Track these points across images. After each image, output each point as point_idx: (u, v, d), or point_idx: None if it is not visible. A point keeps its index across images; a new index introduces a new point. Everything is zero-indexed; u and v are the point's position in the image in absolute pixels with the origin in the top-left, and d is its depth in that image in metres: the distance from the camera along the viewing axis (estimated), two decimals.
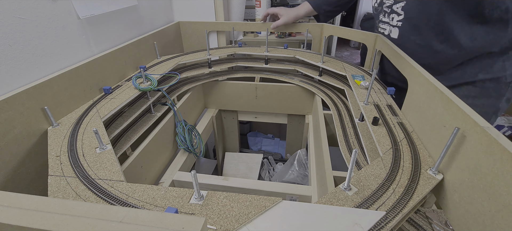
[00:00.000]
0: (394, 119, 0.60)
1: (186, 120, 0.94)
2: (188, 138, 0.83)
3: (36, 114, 0.56)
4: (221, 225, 0.35)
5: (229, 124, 1.27)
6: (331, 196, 0.41)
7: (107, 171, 0.46)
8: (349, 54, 3.42)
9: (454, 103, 0.43)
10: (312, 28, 1.10)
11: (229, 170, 1.23)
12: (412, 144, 0.52)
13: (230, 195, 0.39)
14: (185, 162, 0.82)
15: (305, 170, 1.01)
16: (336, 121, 0.77)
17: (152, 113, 0.81)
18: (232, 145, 1.35)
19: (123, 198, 0.40)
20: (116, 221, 0.24)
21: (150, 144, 0.73)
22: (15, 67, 0.55)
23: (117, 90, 0.72)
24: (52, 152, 0.50)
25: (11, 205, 0.26)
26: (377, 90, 0.73)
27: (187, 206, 0.38)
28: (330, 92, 0.93)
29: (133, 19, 0.91)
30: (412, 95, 0.59)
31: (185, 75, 0.94)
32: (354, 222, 0.35)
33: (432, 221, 0.42)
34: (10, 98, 0.50)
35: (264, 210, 0.37)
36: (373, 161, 0.49)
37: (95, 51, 0.76)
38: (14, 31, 0.54)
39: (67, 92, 0.62)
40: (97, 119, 0.60)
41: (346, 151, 0.65)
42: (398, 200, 0.40)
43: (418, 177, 0.44)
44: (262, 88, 1.05)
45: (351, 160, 0.39)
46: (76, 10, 0.68)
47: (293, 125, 1.20)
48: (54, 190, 0.42)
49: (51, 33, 0.63)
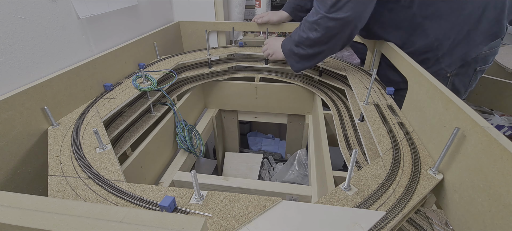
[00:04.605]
0: (394, 118, 0.60)
1: (186, 120, 0.94)
2: (188, 138, 0.83)
3: (36, 114, 0.56)
4: (221, 225, 0.35)
5: (229, 124, 1.27)
6: (331, 196, 0.41)
7: (107, 171, 0.46)
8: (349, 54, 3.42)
9: (454, 103, 0.43)
10: None
11: (229, 170, 1.23)
12: (412, 144, 0.52)
13: (230, 195, 0.39)
14: (185, 162, 0.82)
15: (305, 170, 1.01)
16: (336, 120, 0.77)
17: (152, 113, 0.81)
18: (232, 145, 1.35)
19: (123, 198, 0.40)
20: (116, 221, 0.24)
21: (150, 144, 0.73)
22: (15, 67, 0.55)
23: (117, 90, 0.72)
24: (52, 152, 0.50)
25: (11, 205, 0.26)
26: (377, 90, 0.73)
27: (187, 206, 0.38)
28: (330, 92, 0.93)
29: (133, 19, 0.91)
30: (412, 95, 0.59)
31: (185, 75, 0.94)
32: (354, 222, 0.35)
33: (432, 221, 0.42)
34: (10, 98, 0.50)
35: (264, 210, 0.37)
36: (373, 161, 0.49)
37: (95, 51, 0.76)
38: (14, 31, 0.54)
39: (67, 92, 0.62)
40: (97, 119, 0.60)
41: (346, 151, 0.65)
42: (398, 200, 0.40)
43: (418, 177, 0.44)
44: (262, 88, 1.05)
45: (351, 160, 0.39)
46: (76, 10, 0.68)
47: (293, 125, 1.20)
48: (54, 190, 0.41)
49: (51, 33, 0.63)
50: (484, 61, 0.76)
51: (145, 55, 0.92)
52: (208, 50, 0.96)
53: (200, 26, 1.15)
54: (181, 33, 1.19)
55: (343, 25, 0.65)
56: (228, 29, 1.15)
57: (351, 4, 0.62)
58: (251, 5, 1.58)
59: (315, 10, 0.68)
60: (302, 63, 0.79)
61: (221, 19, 1.18)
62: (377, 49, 0.85)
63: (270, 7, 1.56)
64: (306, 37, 0.71)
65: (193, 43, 1.20)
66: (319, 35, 0.69)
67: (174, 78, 0.84)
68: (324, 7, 0.64)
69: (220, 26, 1.15)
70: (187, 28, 1.17)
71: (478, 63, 0.76)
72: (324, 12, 0.65)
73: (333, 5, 0.63)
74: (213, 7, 1.16)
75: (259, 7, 1.51)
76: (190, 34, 1.19)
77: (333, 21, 0.65)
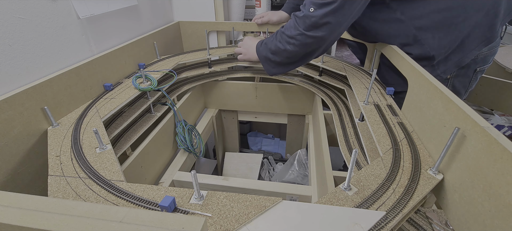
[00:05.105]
0: (394, 118, 0.60)
1: (186, 120, 0.94)
2: (188, 138, 0.83)
3: (36, 114, 0.56)
4: (221, 225, 0.35)
5: (229, 124, 1.27)
6: (331, 196, 0.41)
7: (107, 171, 0.46)
8: (349, 54, 3.42)
9: (454, 103, 0.43)
10: None
11: (229, 170, 1.23)
12: (412, 144, 0.52)
13: (230, 195, 0.39)
14: (185, 162, 0.82)
15: (305, 170, 1.01)
16: (336, 120, 0.77)
17: (152, 113, 0.81)
18: (232, 145, 1.35)
19: (123, 198, 0.40)
20: (116, 221, 0.24)
21: (150, 144, 0.73)
22: (15, 67, 0.55)
23: (117, 90, 0.72)
24: (52, 152, 0.50)
25: (11, 205, 0.26)
26: (377, 90, 0.73)
27: (187, 206, 0.38)
28: (330, 92, 0.93)
29: (133, 19, 0.91)
30: (412, 95, 0.59)
31: (185, 75, 0.94)
32: (354, 222, 0.35)
33: (432, 221, 0.42)
34: (10, 98, 0.50)
35: (264, 210, 0.37)
36: (373, 161, 0.49)
37: (95, 51, 0.76)
38: (14, 31, 0.54)
39: (67, 92, 0.62)
40: (97, 119, 0.60)
41: (346, 151, 0.66)
42: (398, 200, 0.40)
43: (418, 177, 0.44)
44: (262, 88, 1.05)
45: (351, 160, 0.39)
46: (76, 10, 0.68)
47: (293, 125, 1.20)
48: (54, 190, 0.41)
49: (51, 33, 0.63)
50: (484, 61, 0.76)
51: (145, 55, 0.92)
52: (208, 50, 0.96)
53: (200, 26, 1.15)
54: (181, 33, 1.19)
55: (319, 41, 0.69)
56: (228, 29, 1.15)
57: (330, 26, 0.65)
58: (251, 5, 1.58)
59: (293, 25, 0.70)
60: (278, 69, 0.82)
61: (221, 19, 1.18)
62: (377, 49, 0.85)
63: (270, 7, 1.56)
64: (283, 49, 0.74)
65: (193, 43, 1.20)
66: (297, 49, 0.72)
67: (174, 78, 0.84)
68: (304, 25, 0.67)
69: (220, 26, 1.15)
70: (187, 28, 1.17)
71: (478, 64, 0.76)
72: (303, 29, 0.67)
73: (312, 25, 0.66)
74: (213, 7, 1.16)
75: (259, 7, 1.51)
76: (190, 34, 1.19)
77: (311, 38, 0.68)
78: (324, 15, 0.63)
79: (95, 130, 0.49)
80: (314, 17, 0.64)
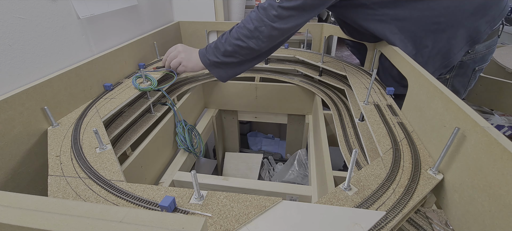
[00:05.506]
0: (394, 118, 0.60)
1: (186, 120, 0.94)
2: (188, 138, 0.83)
3: (36, 114, 0.56)
4: (221, 225, 0.35)
5: (229, 124, 1.27)
6: (331, 196, 0.41)
7: (107, 171, 0.46)
8: (349, 54, 3.42)
9: (454, 103, 0.43)
10: (312, 28, 1.10)
11: (229, 170, 1.23)
12: (412, 144, 0.52)
13: (230, 195, 0.39)
14: (185, 162, 0.82)
15: (305, 170, 1.01)
16: (336, 120, 0.77)
17: (152, 113, 0.81)
18: (232, 145, 1.35)
19: (123, 198, 0.40)
20: (116, 221, 0.24)
21: (150, 144, 0.73)
22: (15, 67, 0.55)
23: (117, 90, 0.72)
24: (52, 152, 0.50)
25: (11, 205, 0.26)
26: (377, 90, 0.73)
27: (187, 206, 0.38)
28: (330, 92, 0.93)
29: (133, 19, 0.91)
30: (412, 95, 0.59)
31: (185, 75, 0.94)
32: (354, 222, 0.35)
33: (432, 221, 0.42)
34: (10, 98, 0.50)
35: (264, 210, 0.37)
36: (373, 161, 0.49)
37: (95, 51, 0.76)
38: (14, 31, 0.54)
39: (67, 92, 0.62)
40: (97, 119, 0.60)
41: (346, 151, 0.65)
42: (398, 200, 0.40)
43: (418, 177, 0.44)
44: (262, 88, 1.05)
45: (351, 160, 0.39)
46: (76, 10, 0.68)
47: (293, 125, 1.20)
48: (54, 190, 0.41)
49: (51, 33, 0.63)
50: (483, 60, 0.76)
51: (145, 55, 0.92)
52: None
53: (200, 26, 1.15)
54: (181, 33, 1.19)
55: (284, 33, 0.67)
56: (228, 29, 1.15)
57: (296, 18, 0.64)
58: (251, 5, 1.58)
59: (256, 17, 0.66)
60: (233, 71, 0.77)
61: (221, 19, 1.18)
62: (377, 49, 0.85)
63: None
64: (246, 46, 0.69)
65: (193, 43, 1.20)
66: (262, 44, 0.68)
67: (174, 78, 0.84)
68: (268, 18, 0.64)
69: (220, 26, 1.15)
70: (187, 28, 1.17)
71: (476, 63, 0.75)
72: (269, 21, 0.65)
73: (278, 16, 0.63)
74: (213, 7, 1.16)
75: None
76: (190, 34, 1.19)
77: (276, 30, 0.65)
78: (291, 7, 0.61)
79: (95, 130, 0.49)
80: (281, 7, 0.62)
